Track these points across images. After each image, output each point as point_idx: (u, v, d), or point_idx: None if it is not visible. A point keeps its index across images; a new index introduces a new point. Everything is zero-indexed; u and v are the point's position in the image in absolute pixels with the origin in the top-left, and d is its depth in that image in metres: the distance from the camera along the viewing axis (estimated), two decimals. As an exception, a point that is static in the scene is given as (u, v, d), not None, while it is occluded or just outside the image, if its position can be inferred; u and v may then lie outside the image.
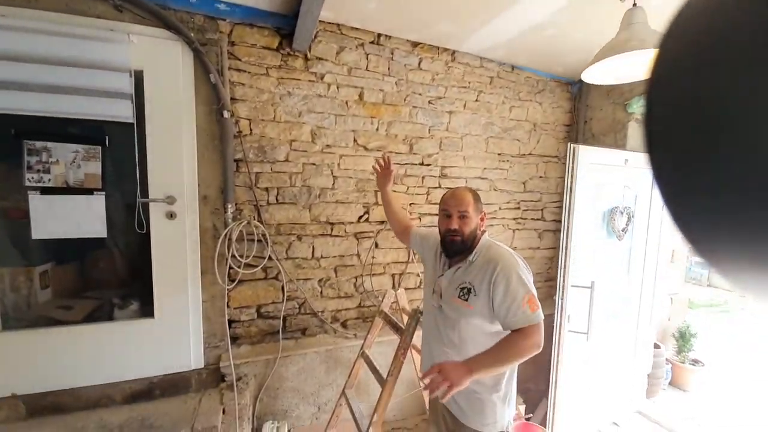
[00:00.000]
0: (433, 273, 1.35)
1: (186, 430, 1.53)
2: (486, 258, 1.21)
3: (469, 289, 1.20)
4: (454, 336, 1.24)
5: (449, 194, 1.27)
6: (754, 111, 0.16)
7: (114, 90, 1.57)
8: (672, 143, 0.21)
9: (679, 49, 0.21)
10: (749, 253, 0.19)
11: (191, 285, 1.79)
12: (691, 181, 0.20)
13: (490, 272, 1.17)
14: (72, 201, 1.59)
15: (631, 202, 2.34)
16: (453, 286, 1.24)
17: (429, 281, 1.38)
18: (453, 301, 1.22)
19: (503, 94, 2.54)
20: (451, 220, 1.21)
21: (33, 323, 1.70)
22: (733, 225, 0.19)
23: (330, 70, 2.04)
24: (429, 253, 1.42)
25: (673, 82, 0.21)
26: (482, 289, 1.17)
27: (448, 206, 1.24)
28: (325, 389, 2.06)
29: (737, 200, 0.18)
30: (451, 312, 1.23)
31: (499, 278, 1.15)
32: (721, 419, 2.53)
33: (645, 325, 2.54)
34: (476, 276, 1.20)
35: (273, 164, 1.98)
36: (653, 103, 0.22)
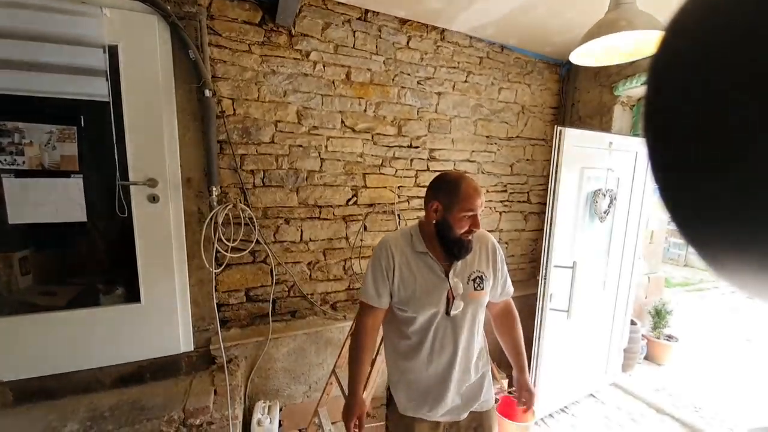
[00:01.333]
0: (433, 280, 1.11)
1: (178, 411, 1.55)
2: (474, 239, 1.14)
3: (481, 277, 1.14)
4: (478, 334, 1.19)
5: (471, 189, 1.04)
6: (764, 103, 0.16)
7: (87, 67, 1.49)
8: (672, 131, 0.21)
9: (690, 32, 0.20)
10: (749, 252, 0.18)
11: (177, 269, 1.77)
12: (691, 173, 0.20)
13: (489, 251, 1.18)
14: (49, 184, 1.54)
15: (613, 184, 2.39)
16: (464, 281, 1.12)
17: (429, 290, 1.10)
18: (472, 297, 1.12)
19: (492, 75, 2.52)
20: (476, 220, 1.06)
21: (15, 310, 1.66)
22: (734, 224, 0.18)
23: (316, 47, 1.98)
24: (403, 262, 1.12)
25: (680, 67, 0.20)
26: (489, 271, 1.17)
27: (474, 205, 1.04)
28: (315, 369, 2.10)
29: (739, 199, 0.17)
30: (470, 309, 1.13)
31: (498, 252, 1.20)
32: (691, 390, 2.70)
33: (622, 303, 2.65)
34: (477, 260, 1.16)
35: (258, 146, 1.93)
36: (656, 87, 0.22)
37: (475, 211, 1.05)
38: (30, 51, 1.41)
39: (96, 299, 1.78)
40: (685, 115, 0.20)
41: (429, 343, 1.12)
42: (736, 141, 0.17)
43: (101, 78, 1.50)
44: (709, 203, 0.19)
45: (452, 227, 1.06)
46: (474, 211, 1.05)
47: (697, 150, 0.19)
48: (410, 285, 1.11)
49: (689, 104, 0.19)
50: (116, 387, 1.71)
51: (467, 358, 1.16)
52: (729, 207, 0.18)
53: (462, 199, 1.04)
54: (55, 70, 1.45)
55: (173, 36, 1.64)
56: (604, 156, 2.28)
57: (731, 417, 2.37)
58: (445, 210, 1.06)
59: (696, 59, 0.19)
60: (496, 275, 1.19)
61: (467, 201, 1.04)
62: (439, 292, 1.10)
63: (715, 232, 0.20)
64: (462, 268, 1.13)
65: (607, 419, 2.33)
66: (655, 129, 0.22)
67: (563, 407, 2.41)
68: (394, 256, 1.12)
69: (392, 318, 1.19)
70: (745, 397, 2.66)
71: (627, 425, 2.28)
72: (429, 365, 1.14)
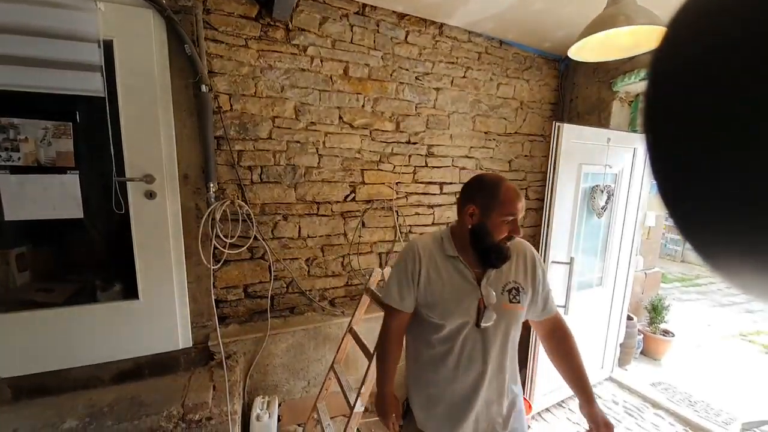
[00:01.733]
0: (463, 286, 1.03)
1: (177, 407, 1.56)
2: (512, 248, 1.04)
3: (517, 288, 1.04)
4: (512, 352, 1.08)
5: (512, 193, 0.97)
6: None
7: (82, 62, 1.47)
8: (673, 127, 0.20)
9: (693, 28, 0.19)
10: (747, 251, 0.18)
11: (175, 266, 1.77)
12: (691, 170, 0.19)
13: (528, 261, 1.08)
14: (45, 180, 1.53)
15: (611, 180, 2.39)
16: (498, 291, 1.03)
17: (459, 297, 1.02)
18: (506, 309, 1.02)
19: (491, 71, 2.51)
20: (516, 225, 0.98)
21: (12, 306, 1.66)
22: (734, 223, 0.18)
23: (313, 42, 1.96)
24: (431, 266, 1.05)
25: (681, 63, 0.20)
26: (527, 284, 1.06)
27: (515, 209, 0.96)
28: (314, 364, 2.11)
29: (739, 198, 0.17)
30: (503, 322, 1.03)
31: (538, 264, 1.08)
32: (687, 385, 2.73)
33: (619, 299, 2.67)
34: (516, 272, 1.06)
35: (255, 142, 1.92)
36: (657, 83, 0.21)
37: (516, 216, 0.97)
38: (23, 45, 1.39)
39: (94, 296, 1.78)
40: (686, 111, 0.19)
41: (455, 355, 1.03)
42: (738, 138, 0.17)
43: (96, 73, 1.48)
44: (709, 201, 0.19)
45: (490, 232, 0.98)
46: (515, 215, 0.97)
47: (698, 147, 0.19)
48: (438, 290, 1.03)
49: (690, 100, 0.19)
50: (115, 383, 1.71)
51: (497, 378, 1.05)
52: (729, 206, 0.18)
53: (502, 202, 0.97)
54: (49, 65, 1.43)
55: (169, 30, 1.62)
56: (602, 152, 2.29)
57: (726, 411, 2.40)
58: (482, 214, 0.99)
59: (698, 56, 0.19)
60: (536, 289, 1.07)
61: (508, 204, 0.96)
62: (470, 299, 1.01)
63: (715, 231, 0.20)
64: (496, 277, 1.04)
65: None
66: (655, 125, 0.22)
67: (560, 401, 2.44)
68: (421, 258, 1.05)
69: (418, 323, 1.10)
70: (739, 392, 2.70)
71: (623, 419, 2.30)
72: (454, 381, 1.04)
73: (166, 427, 1.53)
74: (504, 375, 1.06)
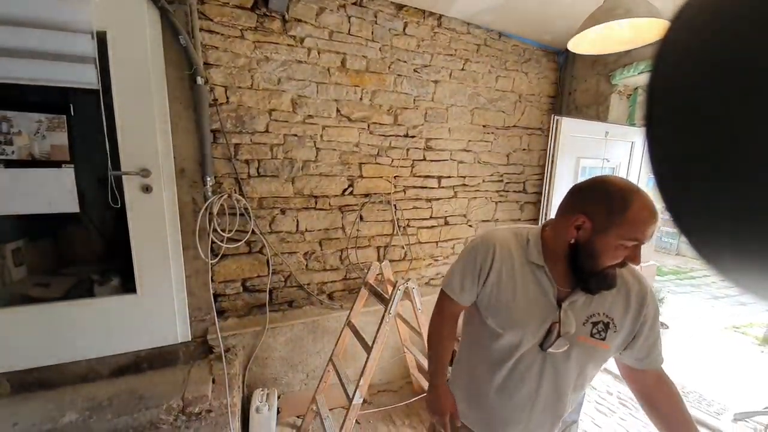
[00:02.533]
0: (539, 301, 0.86)
1: (177, 400, 1.57)
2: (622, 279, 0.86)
3: (606, 324, 0.85)
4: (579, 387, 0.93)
5: (648, 214, 0.73)
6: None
7: (75, 53, 1.44)
8: (673, 121, 0.20)
9: (697, 22, 0.19)
10: (745, 249, 0.18)
11: (173, 260, 1.76)
12: (691, 166, 0.19)
13: (636, 298, 0.86)
14: (39, 174, 1.51)
15: (609, 174, 2.40)
16: (579, 319, 0.85)
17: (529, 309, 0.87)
18: (583, 342, 0.85)
19: (490, 63, 2.49)
20: (639, 252, 0.76)
21: (9, 301, 1.66)
22: (732, 220, 0.18)
23: (310, 33, 1.94)
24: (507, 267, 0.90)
25: (685, 57, 0.20)
26: (625, 323, 0.86)
27: (644, 234, 0.73)
28: (312, 357, 2.13)
29: (739, 194, 0.17)
30: (576, 355, 0.86)
31: (650, 305, 0.86)
32: (680, 376, 2.77)
33: (616, 291, 2.70)
34: (613, 304, 0.86)
35: (252, 135, 1.91)
36: (658, 76, 0.21)
37: (642, 242, 0.75)
38: (15, 36, 1.37)
39: (91, 290, 1.78)
40: (688, 105, 0.19)
41: (507, 369, 0.90)
42: (739, 134, 0.17)
43: (90, 65, 1.46)
44: (707, 197, 0.19)
45: (599, 255, 0.77)
46: (640, 240, 0.74)
47: (698, 141, 0.19)
48: (506, 295, 0.89)
49: (692, 94, 0.19)
50: (114, 377, 1.72)
51: (550, 409, 0.91)
52: (727, 201, 0.18)
53: (629, 221, 0.72)
54: (41, 56, 1.41)
55: (163, 21, 1.60)
56: (600, 145, 2.29)
57: (718, 401, 2.45)
58: (595, 230, 0.76)
59: (701, 50, 0.19)
60: (638, 331, 0.86)
61: (636, 226, 0.72)
62: (541, 319, 0.85)
63: (711, 226, 0.20)
64: (585, 303, 0.85)
65: (597, 404, 2.39)
66: (656, 118, 0.22)
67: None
68: (495, 254, 0.90)
69: (479, 322, 0.96)
70: (732, 383, 2.74)
71: (617, 409, 2.34)
72: (499, 397, 0.92)
73: (166, 419, 1.54)
74: (558, 409, 0.92)
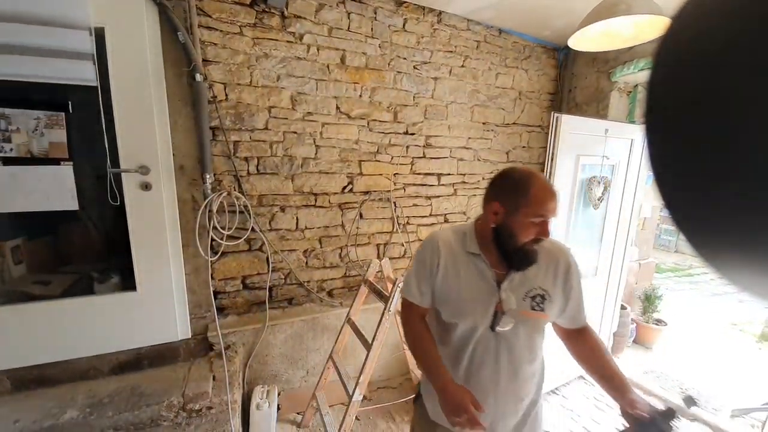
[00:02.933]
0: (480, 287, 0.95)
1: (177, 397, 1.58)
2: (545, 251, 0.96)
3: (543, 296, 0.95)
4: (532, 360, 0.99)
5: (544, 191, 0.87)
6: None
7: (74, 50, 1.44)
8: (673, 118, 0.20)
9: (699, 20, 0.19)
10: (743, 247, 0.18)
11: (173, 257, 1.76)
12: (690, 164, 0.19)
13: (562, 269, 0.97)
14: (38, 172, 1.51)
15: (608, 171, 2.39)
16: (518, 296, 0.94)
17: (474, 297, 0.95)
18: (527, 316, 0.94)
19: (490, 60, 2.48)
20: (545, 227, 0.87)
21: (9, 299, 1.66)
22: (729, 218, 0.18)
23: (309, 29, 1.93)
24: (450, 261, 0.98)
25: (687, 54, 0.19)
26: (556, 291, 0.96)
27: (546, 210, 0.86)
28: (312, 354, 2.14)
29: (738, 192, 0.17)
30: (523, 329, 0.95)
31: (575, 274, 0.98)
32: (678, 372, 2.79)
33: (614, 289, 2.70)
34: (542, 275, 0.96)
35: (252, 132, 1.90)
36: (659, 73, 0.21)
37: (546, 217, 0.87)
38: (12, 33, 1.36)
39: (91, 288, 1.78)
40: (688, 103, 0.19)
41: (467, 357, 0.98)
42: (740, 133, 0.17)
43: (88, 62, 1.45)
44: (707, 196, 0.19)
45: (514, 234, 0.88)
46: (545, 216, 0.87)
47: (698, 139, 0.19)
48: (454, 287, 0.97)
49: (693, 92, 0.19)
50: (115, 374, 1.73)
51: (513, 383, 0.98)
52: (725, 200, 0.18)
53: (531, 201, 0.86)
54: (39, 53, 1.40)
55: (161, 17, 1.59)
56: (600, 143, 2.28)
57: (716, 398, 2.46)
58: (507, 213, 0.89)
59: (702, 48, 0.18)
60: (568, 297, 0.98)
61: (537, 204, 0.86)
62: (486, 301, 0.94)
63: (709, 224, 0.20)
64: (520, 281, 0.95)
65: (596, 400, 2.41)
66: (656, 115, 0.21)
67: (554, 389, 2.48)
68: (440, 251, 0.98)
69: (436, 318, 1.05)
70: (729, 379, 2.76)
71: (615, 406, 2.36)
72: (466, 382, 0.97)
73: (167, 416, 1.54)
74: (519, 382, 0.99)
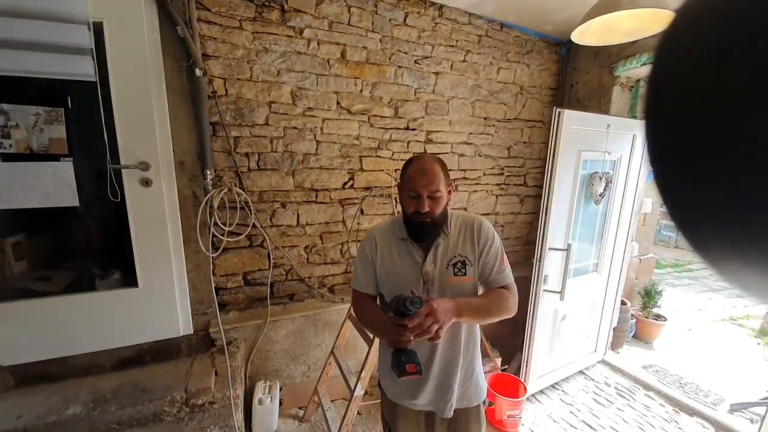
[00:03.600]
0: (410, 265, 1.09)
1: (180, 392, 1.58)
2: (461, 223, 1.12)
3: (463, 261, 1.08)
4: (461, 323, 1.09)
5: (416, 170, 1.03)
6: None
7: (71, 45, 1.42)
8: (674, 114, 0.20)
9: (704, 14, 0.19)
10: (741, 246, 0.18)
11: (174, 254, 1.76)
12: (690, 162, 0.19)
13: (475, 232, 1.10)
14: (38, 168, 1.50)
15: (610, 167, 2.39)
16: (442, 266, 1.08)
17: (407, 276, 1.09)
18: (451, 282, 1.07)
19: (491, 55, 2.46)
20: (422, 202, 1.02)
21: (10, 295, 1.65)
22: (728, 216, 0.18)
23: (309, 24, 1.91)
24: (385, 249, 1.12)
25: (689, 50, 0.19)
26: (475, 255, 1.09)
27: (416, 186, 1.02)
28: (314, 350, 2.14)
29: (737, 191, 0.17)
30: (450, 295, 1.06)
31: (484, 234, 1.10)
32: (677, 367, 2.80)
33: (614, 284, 2.71)
34: (461, 244, 1.09)
35: (252, 128, 1.89)
36: (661, 68, 0.21)
37: (419, 192, 1.02)
38: (8, 28, 1.34)
39: (92, 284, 1.78)
40: (689, 99, 0.19)
41: None
42: (740, 129, 0.16)
43: (87, 56, 1.44)
44: (708, 194, 0.19)
45: (404, 208, 1.09)
46: (417, 191, 1.02)
47: (699, 136, 0.18)
48: (390, 269, 1.11)
49: (695, 88, 0.18)
50: (117, 370, 1.73)
51: (451, 348, 1.11)
52: (724, 198, 0.18)
53: (407, 178, 1.05)
54: (37, 48, 1.38)
55: (160, 11, 1.57)
56: (602, 138, 2.27)
57: (715, 392, 2.48)
58: (399, 191, 1.11)
59: (705, 43, 0.18)
60: (480, 259, 1.09)
61: (411, 181, 1.03)
62: (415, 276, 1.07)
63: (708, 222, 0.19)
64: (443, 253, 1.08)
65: (596, 394, 2.42)
66: (656, 111, 0.21)
67: (554, 384, 2.50)
68: (377, 243, 1.13)
69: (382, 300, 1.16)
70: (728, 374, 2.78)
71: (615, 400, 2.37)
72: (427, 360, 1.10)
73: (170, 411, 1.55)
74: (457, 346, 1.11)
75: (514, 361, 2.56)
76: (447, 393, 1.13)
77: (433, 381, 1.13)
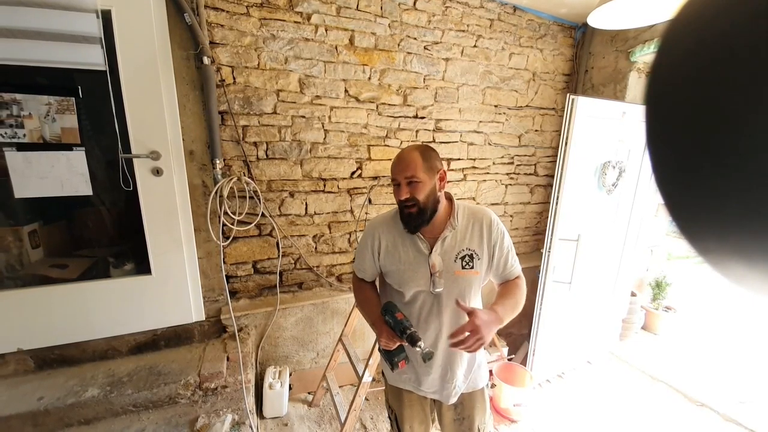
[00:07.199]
0: (414, 256, 1.10)
1: (193, 376, 1.63)
2: (469, 216, 1.12)
3: (471, 255, 1.08)
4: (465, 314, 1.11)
5: (395, 159, 1.07)
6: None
7: (80, 33, 1.42)
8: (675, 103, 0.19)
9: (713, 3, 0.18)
10: (740, 244, 0.18)
11: (185, 242, 1.79)
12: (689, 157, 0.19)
13: (485, 228, 1.10)
14: (51, 157, 1.52)
15: (623, 156, 2.33)
16: (450, 259, 1.08)
17: (413, 268, 1.10)
18: (458, 275, 1.08)
19: (503, 40, 2.39)
20: (400, 190, 1.04)
21: (29, 282, 1.71)
22: (726, 210, 0.18)
23: (317, 9, 1.87)
24: (390, 240, 1.14)
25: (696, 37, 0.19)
26: (483, 249, 1.10)
27: (394, 173, 1.05)
28: (322, 337, 2.18)
29: (739, 191, 0.16)
30: (457, 287, 1.09)
31: (495, 231, 1.11)
32: (685, 359, 2.79)
33: (624, 275, 2.68)
34: (469, 237, 1.10)
35: (260, 117, 1.88)
36: (666, 55, 0.20)
37: (397, 179, 1.05)
38: (18, 17, 1.34)
39: (107, 271, 1.82)
40: (692, 88, 0.18)
41: (415, 319, 1.12)
42: (741, 124, 0.16)
43: (96, 45, 1.43)
44: (708, 193, 0.18)
45: (395, 194, 1.09)
46: (395, 179, 1.05)
47: (699, 128, 0.18)
48: (395, 261, 1.12)
49: (699, 77, 0.18)
50: (133, 354, 1.79)
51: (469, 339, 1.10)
52: (723, 193, 0.17)
53: (391, 170, 1.08)
54: (46, 37, 1.38)
55: (167, -2, 1.55)
56: (616, 126, 2.21)
57: (723, 385, 2.47)
58: None
59: (711, 33, 0.18)
60: (492, 253, 1.11)
61: (392, 171, 1.07)
62: (423, 269, 1.09)
63: (704, 215, 0.19)
64: (450, 245, 1.09)
65: (602, 385, 2.43)
66: (658, 99, 0.21)
67: (560, 373, 2.51)
68: (380, 235, 1.15)
69: (388, 289, 1.19)
70: (736, 367, 2.75)
71: (621, 391, 2.38)
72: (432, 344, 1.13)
73: (184, 394, 1.60)
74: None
75: (520, 351, 2.57)
76: (452, 381, 1.15)
77: (437, 370, 1.15)
